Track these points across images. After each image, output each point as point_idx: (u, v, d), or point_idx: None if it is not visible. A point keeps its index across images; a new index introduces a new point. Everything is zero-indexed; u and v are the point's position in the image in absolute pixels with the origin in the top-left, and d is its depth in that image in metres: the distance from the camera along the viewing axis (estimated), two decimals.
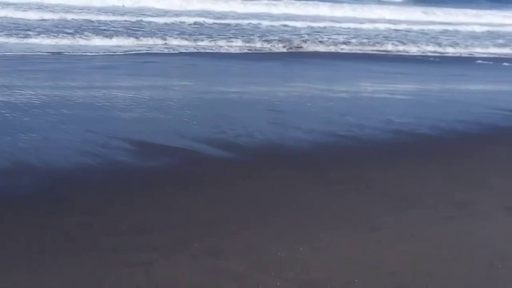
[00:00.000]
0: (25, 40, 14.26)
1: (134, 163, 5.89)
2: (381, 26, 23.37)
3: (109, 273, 3.77)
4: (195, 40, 16.40)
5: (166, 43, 15.71)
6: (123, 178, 5.52)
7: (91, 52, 13.61)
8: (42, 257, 3.90)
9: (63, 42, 14.66)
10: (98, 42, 14.92)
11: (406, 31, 23.12)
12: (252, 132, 7.29)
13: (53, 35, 15.09)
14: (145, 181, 5.48)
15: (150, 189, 5.27)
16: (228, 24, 20.48)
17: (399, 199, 5.35)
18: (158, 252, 4.05)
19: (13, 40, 14.10)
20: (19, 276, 3.67)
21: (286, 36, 18.91)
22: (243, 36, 17.72)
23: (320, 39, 18.68)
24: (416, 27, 24.22)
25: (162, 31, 17.62)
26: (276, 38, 18.11)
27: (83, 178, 5.41)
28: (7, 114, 7.26)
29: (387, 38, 20.55)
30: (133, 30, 17.29)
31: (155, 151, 6.32)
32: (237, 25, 20.47)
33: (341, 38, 19.28)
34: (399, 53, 18.31)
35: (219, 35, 17.62)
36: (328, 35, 19.81)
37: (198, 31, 18.51)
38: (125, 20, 18.93)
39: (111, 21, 18.55)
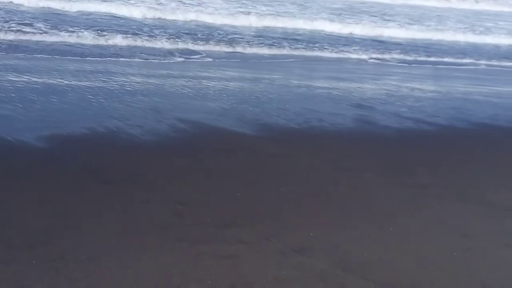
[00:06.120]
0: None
1: (220, 156, 5.98)
2: None
3: (198, 263, 3.87)
4: None
5: None
6: (213, 169, 5.60)
7: None
8: (133, 244, 4.05)
9: None
10: None
11: None
12: None
13: None
14: (228, 174, 5.51)
15: (237, 183, 5.30)
16: None
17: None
18: (245, 245, 4.13)
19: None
20: (108, 262, 3.81)
21: None
22: None
23: None
24: None
25: None
26: None
27: (172, 168, 5.53)
28: None
29: None
30: None
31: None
32: None
33: None
34: None
35: None
36: None
37: None
38: None
39: None
